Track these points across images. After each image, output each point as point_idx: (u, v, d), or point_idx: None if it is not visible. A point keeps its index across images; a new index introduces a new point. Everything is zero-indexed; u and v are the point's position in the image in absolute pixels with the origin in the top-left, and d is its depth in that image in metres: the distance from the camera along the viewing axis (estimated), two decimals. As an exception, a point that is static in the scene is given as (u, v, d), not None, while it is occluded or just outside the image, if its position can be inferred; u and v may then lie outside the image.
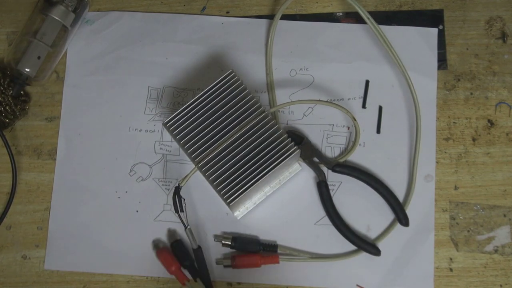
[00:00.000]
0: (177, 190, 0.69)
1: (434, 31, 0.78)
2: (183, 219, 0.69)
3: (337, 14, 0.80)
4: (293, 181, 0.74)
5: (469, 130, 0.75)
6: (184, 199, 0.70)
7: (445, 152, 0.75)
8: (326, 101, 0.76)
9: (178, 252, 0.71)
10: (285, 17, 0.79)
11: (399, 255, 0.71)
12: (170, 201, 0.72)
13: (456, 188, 0.73)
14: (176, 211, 0.68)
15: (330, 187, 0.73)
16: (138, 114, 0.77)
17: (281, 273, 0.71)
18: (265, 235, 0.73)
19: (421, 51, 0.77)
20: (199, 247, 0.70)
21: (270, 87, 0.77)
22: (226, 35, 0.80)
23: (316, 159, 0.74)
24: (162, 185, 0.75)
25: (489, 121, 0.75)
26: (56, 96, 0.79)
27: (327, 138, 0.75)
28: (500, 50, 0.77)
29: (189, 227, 0.69)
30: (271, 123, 0.68)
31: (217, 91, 0.69)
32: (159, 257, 0.71)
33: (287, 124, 0.76)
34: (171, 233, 0.73)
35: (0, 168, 0.77)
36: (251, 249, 0.71)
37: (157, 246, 0.72)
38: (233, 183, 0.67)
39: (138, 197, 0.75)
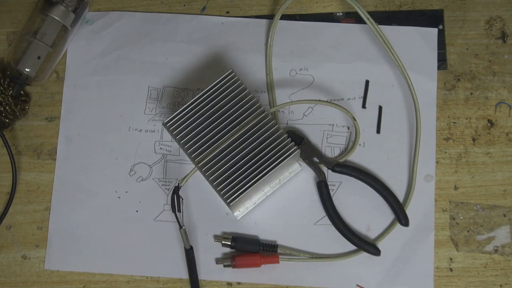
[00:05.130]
0: (176, 190, 0.69)
1: (434, 31, 0.78)
2: (179, 219, 0.69)
3: (337, 14, 0.80)
4: (293, 181, 0.74)
5: (469, 130, 0.75)
6: (183, 199, 0.70)
7: (445, 152, 0.75)
8: (326, 101, 0.76)
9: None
10: (285, 17, 0.79)
11: (399, 255, 0.71)
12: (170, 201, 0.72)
13: (456, 188, 0.73)
14: (173, 210, 0.68)
15: (330, 187, 0.73)
16: (138, 114, 0.77)
17: (281, 273, 0.71)
18: (265, 235, 0.73)
19: (421, 51, 0.77)
20: (191, 248, 0.69)
21: (270, 87, 0.77)
22: (226, 35, 0.80)
23: (316, 159, 0.74)
24: (162, 185, 0.75)
25: (489, 121, 0.75)
26: (56, 96, 0.79)
27: (327, 138, 0.75)
28: (500, 50, 0.77)
29: (184, 227, 0.68)
30: (271, 123, 0.68)
31: (217, 91, 0.69)
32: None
33: (287, 124, 0.76)
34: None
35: (0, 168, 0.77)
36: (251, 249, 0.71)
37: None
38: (233, 183, 0.67)
39: (138, 197, 0.75)
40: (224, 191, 0.67)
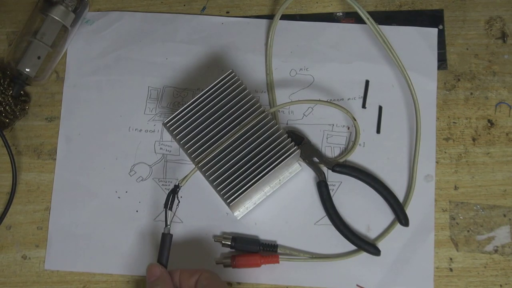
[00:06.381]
0: (175, 188, 0.68)
1: (434, 31, 0.78)
2: (168, 217, 0.68)
3: (337, 14, 0.80)
4: (293, 181, 0.74)
5: (469, 130, 0.75)
6: (179, 202, 0.69)
7: (445, 152, 0.75)
8: (326, 101, 0.76)
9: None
10: (285, 17, 0.79)
11: (399, 255, 0.71)
12: (174, 202, 0.71)
13: (456, 188, 0.74)
14: (165, 206, 0.67)
15: (330, 187, 0.73)
16: (138, 114, 0.78)
17: (281, 273, 0.71)
18: (265, 235, 0.73)
19: (421, 51, 0.77)
20: (171, 235, 0.68)
21: (270, 87, 0.77)
22: (226, 35, 0.80)
23: (316, 159, 0.74)
24: (162, 185, 0.75)
25: (489, 121, 0.75)
26: (56, 96, 0.79)
27: (327, 138, 0.75)
28: (500, 50, 0.77)
29: (168, 226, 0.67)
30: (271, 123, 0.68)
31: (217, 91, 0.69)
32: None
33: (287, 124, 0.76)
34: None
35: (0, 168, 0.77)
36: (251, 249, 0.71)
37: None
38: (233, 183, 0.67)
39: (138, 197, 0.75)
40: (224, 191, 0.67)
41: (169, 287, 0.63)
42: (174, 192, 0.68)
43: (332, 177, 0.74)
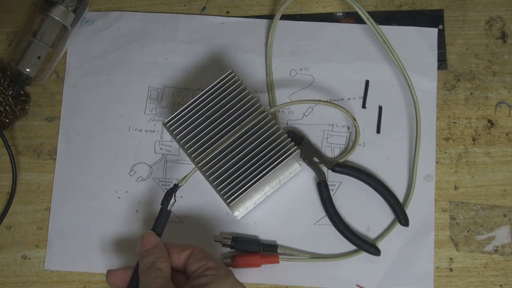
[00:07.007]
0: (175, 187, 0.68)
1: (434, 31, 0.78)
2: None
3: (337, 14, 0.80)
4: (293, 181, 0.74)
5: (469, 130, 0.75)
6: (175, 200, 0.68)
7: (445, 152, 0.75)
8: (326, 101, 0.76)
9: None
10: (285, 17, 0.79)
11: (399, 255, 0.71)
12: (171, 201, 0.71)
13: (456, 188, 0.73)
14: (162, 203, 0.67)
15: (330, 187, 0.73)
16: (138, 114, 0.78)
17: (281, 273, 0.71)
18: (265, 235, 0.73)
19: (421, 51, 0.77)
20: (170, 212, 0.66)
21: (270, 87, 0.77)
22: (226, 35, 0.80)
23: (316, 159, 0.74)
24: (162, 185, 0.75)
25: (489, 121, 0.75)
26: (56, 96, 0.79)
27: (327, 138, 0.75)
28: (500, 50, 0.77)
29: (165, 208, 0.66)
30: (271, 123, 0.68)
31: (217, 91, 0.69)
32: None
33: (287, 124, 0.76)
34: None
35: (0, 168, 0.77)
36: (251, 249, 0.71)
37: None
38: (233, 183, 0.67)
39: (138, 197, 0.75)
40: (224, 191, 0.67)
41: (166, 258, 0.59)
42: (172, 190, 0.68)
43: (332, 177, 0.74)
